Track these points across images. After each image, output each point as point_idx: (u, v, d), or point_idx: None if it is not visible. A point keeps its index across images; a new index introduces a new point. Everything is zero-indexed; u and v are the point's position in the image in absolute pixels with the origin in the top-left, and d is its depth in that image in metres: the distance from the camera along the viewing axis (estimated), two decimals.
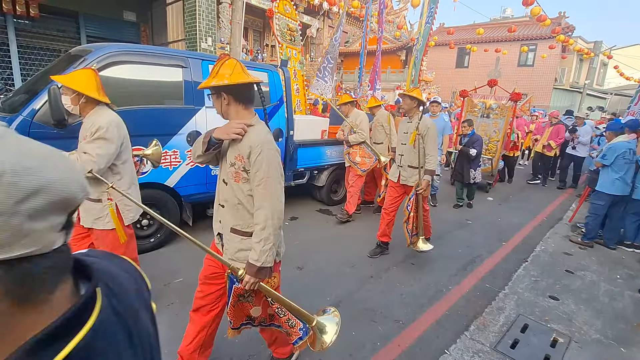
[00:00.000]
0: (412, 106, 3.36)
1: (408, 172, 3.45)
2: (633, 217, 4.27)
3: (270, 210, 1.54)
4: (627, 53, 21.22)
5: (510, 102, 6.57)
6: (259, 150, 1.49)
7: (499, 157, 6.79)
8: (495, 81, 6.94)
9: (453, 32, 17.99)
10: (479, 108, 7.01)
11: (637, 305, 3.10)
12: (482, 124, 6.90)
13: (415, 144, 3.29)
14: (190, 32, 7.91)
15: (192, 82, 3.43)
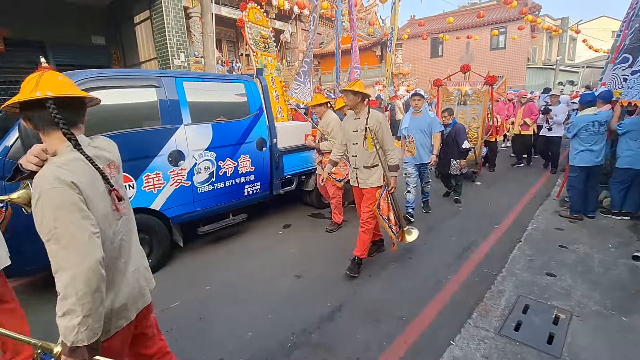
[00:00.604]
0: (357, 102, 3.10)
1: (365, 174, 3.20)
2: (618, 186, 4.37)
3: (70, 273, 1.06)
4: (594, 26, 21.84)
5: (485, 87, 6.42)
6: (37, 195, 1.08)
7: (481, 144, 6.68)
8: (468, 66, 6.80)
9: (424, 24, 18.23)
10: (454, 96, 6.79)
11: (632, 272, 3.16)
12: (460, 112, 6.69)
13: (367, 143, 3.09)
14: (162, 49, 7.82)
15: (167, 101, 3.37)
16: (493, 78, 6.34)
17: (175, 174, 3.43)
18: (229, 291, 3.08)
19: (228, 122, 3.93)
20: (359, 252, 3.28)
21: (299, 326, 2.55)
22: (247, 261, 3.65)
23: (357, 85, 3.08)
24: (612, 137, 4.67)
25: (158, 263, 3.46)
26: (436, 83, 6.93)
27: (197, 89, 3.73)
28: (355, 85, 3.08)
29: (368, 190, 3.22)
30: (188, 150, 3.49)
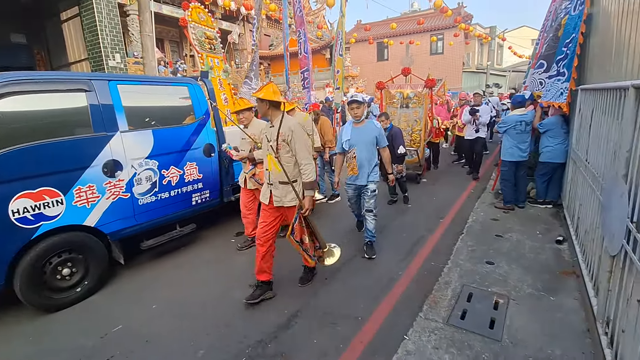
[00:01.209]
0: (265, 109, 2.73)
1: (281, 190, 2.80)
2: (542, 178, 4.88)
3: None
4: (517, 34, 24.31)
5: (426, 89, 6.57)
6: None
7: (424, 146, 6.74)
8: (409, 69, 6.88)
9: (370, 29, 18.89)
10: (397, 99, 6.79)
11: (556, 255, 3.53)
12: (403, 115, 6.73)
13: (280, 154, 2.71)
14: (94, 50, 7.19)
15: (99, 107, 3.10)
16: (432, 81, 6.50)
17: (112, 185, 3.15)
18: (177, 308, 2.89)
19: (171, 128, 3.71)
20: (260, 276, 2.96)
21: (255, 338, 2.48)
22: (197, 274, 3.47)
23: (264, 92, 2.68)
24: (535, 135, 5.22)
25: (96, 285, 3.16)
26: (379, 86, 6.91)
27: (135, 93, 3.48)
28: (262, 92, 2.69)
29: (286, 209, 2.87)
30: (126, 160, 3.23)
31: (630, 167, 1.93)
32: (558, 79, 4.49)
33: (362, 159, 3.51)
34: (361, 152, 3.50)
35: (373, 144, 3.56)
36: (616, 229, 1.97)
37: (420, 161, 6.65)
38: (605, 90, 2.73)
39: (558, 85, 4.48)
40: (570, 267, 3.24)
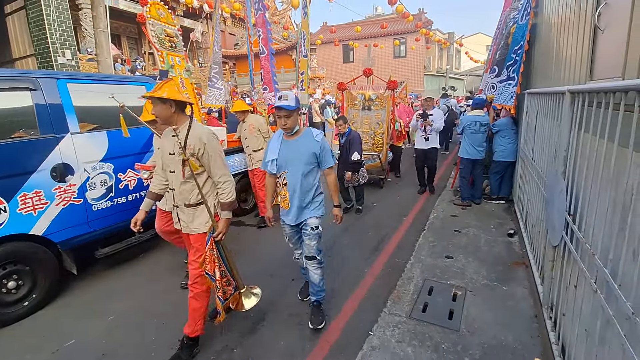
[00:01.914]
0: (169, 113, 2.09)
1: (188, 215, 2.23)
2: (495, 176, 5.22)
3: None
4: (472, 40, 25.70)
5: (388, 91, 6.29)
6: None
7: (387, 150, 6.49)
8: (370, 70, 6.61)
9: (335, 31, 19.10)
10: (359, 101, 6.49)
11: (508, 247, 3.79)
12: (365, 117, 6.43)
13: (186, 171, 2.12)
14: (41, 45, 6.68)
15: (47, 106, 2.89)
16: (394, 83, 6.22)
17: (62, 191, 2.96)
18: (136, 318, 2.77)
19: (128, 129, 3.53)
20: (189, 329, 2.30)
21: (220, 344, 2.43)
22: (157, 282, 3.34)
23: (167, 89, 2.05)
24: (489, 135, 5.56)
25: (45, 297, 2.94)
26: (340, 87, 6.61)
27: (88, 92, 3.28)
28: (162, 89, 2.05)
29: (194, 237, 2.26)
30: (78, 163, 3.04)
31: (567, 165, 2.13)
32: (509, 83, 4.83)
33: (295, 188, 2.44)
34: (294, 177, 2.43)
35: (311, 164, 2.45)
36: (557, 221, 2.15)
37: (383, 165, 6.41)
38: (547, 95, 2.97)
39: (509, 89, 4.82)
40: (520, 258, 3.49)
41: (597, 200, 1.60)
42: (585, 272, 1.64)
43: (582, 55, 2.35)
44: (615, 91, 1.43)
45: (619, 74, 1.68)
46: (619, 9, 1.80)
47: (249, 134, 4.53)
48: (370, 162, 6.24)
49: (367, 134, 6.32)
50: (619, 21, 1.77)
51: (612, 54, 1.87)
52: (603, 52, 2.07)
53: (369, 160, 6.16)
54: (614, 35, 1.87)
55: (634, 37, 1.55)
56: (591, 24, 2.17)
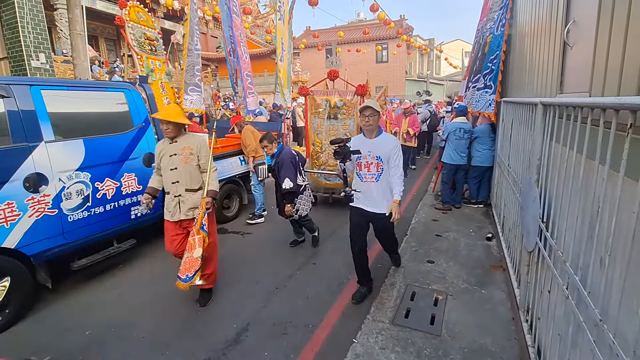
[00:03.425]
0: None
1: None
2: (474, 180, 5.37)
3: None
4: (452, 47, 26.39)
5: (356, 97, 5.28)
6: None
7: None
8: (336, 72, 5.64)
9: (318, 36, 19.25)
10: (323, 108, 5.51)
11: (487, 250, 3.90)
12: (331, 128, 5.48)
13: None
14: (14, 48, 6.43)
15: (19, 114, 2.78)
16: (364, 87, 5.22)
17: (36, 202, 2.84)
18: (115, 332, 2.69)
19: (106, 137, 3.45)
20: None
21: (202, 356, 2.39)
22: (137, 293, 3.25)
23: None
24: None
25: (18, 312, 2.81)
26: (301, 91, 5.64)
27: (63, 99, 3.18)
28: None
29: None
30: (52, 173, 2.94)
31: (540, 174, 2.22)
32: (486, 91, 4.99)
33: None
34: None
35: None
36: (531, 227, 2.24)
37: None
38: (521, 104, 3.10)
39: (486, 97, 4.98)
40: (498, 262, 3.59)
41: (568, 208, 1.67)
42: (558, 278, 1.72)
43: (553, 69, 2.47)
44: (583, 106, 1.51)
45: (586, 89, 1.77)
46: (586, 28, 1.91)
47: (180, 162, 2.85)
48: (333, 180, 5.58)
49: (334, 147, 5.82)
50: (586, 39, 1.87)
51: (579, 69, 1.97)
52: (572, 67, 2.18)
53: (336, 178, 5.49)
54: (581, 51, 1.98)
55: (599, 55, 1.64)
56: (561, 39, 2.28)
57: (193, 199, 2.91)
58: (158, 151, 2.94)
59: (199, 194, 2.93)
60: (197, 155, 2.92)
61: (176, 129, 2.86)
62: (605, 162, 1.24)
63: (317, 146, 5.61)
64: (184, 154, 2.86)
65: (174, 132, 2.85)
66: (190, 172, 2.91)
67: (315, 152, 5.65)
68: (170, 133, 2.84)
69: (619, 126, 1.20)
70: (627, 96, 1.27)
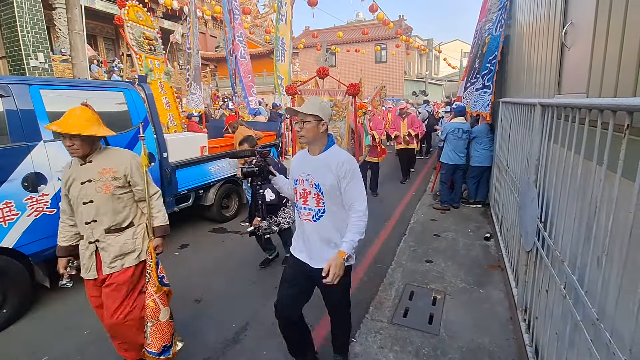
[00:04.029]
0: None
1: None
2: (472, 180, 5.39)
3: None
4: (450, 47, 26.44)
5: (347, 97, 4.79)
6: None
7: None
8: (325, 69, 5.05)
9: (317, 36, 19.24)
10: None
11: (485, 250, 3.91)
12: None
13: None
14: (13, 48, 6.41)
15: (18, 113, 2.78)
16: (355, 87, 4.70)
17: (35, 201, 2.84)
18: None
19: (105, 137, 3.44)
20: None
21: (201, 356, 2.40)
22: None
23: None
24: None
25: (16, 312, 2.81)
26: (288, 91, 5.18)
27: (62, 98, 3.17)
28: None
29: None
30: (51, 172, 2.93)
31: (539, 174, 2.23)
32: (484, 92, 5.01)
33: None
34: None
35: None
36: (529, 227, 2.25)
37: None
38: (520, 105, 3.11)
39: (485, 98, 4.99)
40: (496, 262, 3.61)
41: (566, 209, 1.69)
42: (556, 278, 1.73)
43: (551, 70, 2.48)
44: (580, 107, 1.52)
45: (584, 90, 1.79)
46: (583, 29, 1.92)
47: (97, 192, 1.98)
48: None
49: None
50: (583, 40, 1.88)
51: (577, 70, 1.98)
52: (569, 68, 2.20)
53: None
54: (578, 53, 1.99)
55: (596, 56, 1.66)
56: (559, 41, 2.29)
57: (120, 242, 2.02)
58: (65, 179, 1.99)
59: (129, 235, 2.06)
60: (127, 179, 2.03)
61: (86, 144, 1.92)
62: (603, 163, 1.25)
63: None
64: (104, 180, 1.95)
65: (84, 149, 1.91)
66: (114, 205, 2.00)
67: None
68: (77, 151, 1.90)
69: (616, 127, 1.21)
70: (624, 97, 1.29)
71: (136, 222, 2.13)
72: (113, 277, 2.02)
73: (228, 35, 6.68)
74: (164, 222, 2.20)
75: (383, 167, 7.52)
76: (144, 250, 2.11)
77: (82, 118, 1.92)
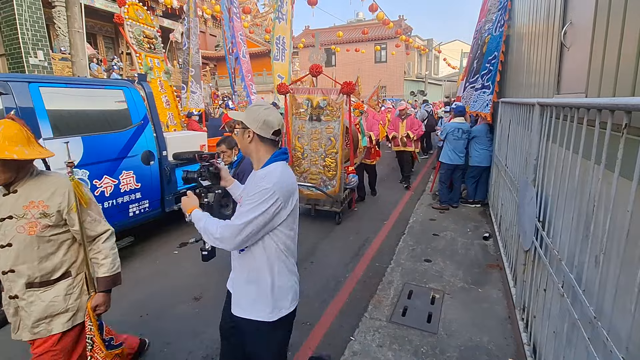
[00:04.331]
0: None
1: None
2: (471, 180, 5.40)
3: None
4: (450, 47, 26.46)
5: (341, 96, 4.52)
6: None
7: (347, 173, 4.84)
8: (319, 67, 4.86)
9: None
10: (305, 108, 4.78)
11: (483, 250, 3.92)
12: (313, 131, 4.75)
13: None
14: (12, 45, 6.40)
15: (17, 111, 2.78)
16: (350, 85, 4.42)
17: None
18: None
19: (104, 135, 3.45)
20: None
21: (199, 353, 2.40)
22: (134, 291, 3.24)
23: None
24: None
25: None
26: (280, 89, 4.84)
27: (61, 96, 3.18)
28: None
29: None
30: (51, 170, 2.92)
31: (537, 173, 2.24)
32: (484, 92, 5.02)
33: None
34: None
35: None
36: (528, 227, 2.26)
37: (338, 195, 4.75)
38: (519, 105, 3.12)
39: (484, 97, 5.00)
40: (494, 261, 3.62)
41: (564, 208, 1.69)
42: (554, 277, 1.74)
43: (550, 70, 2.49)
44: (579, 107, 1.53)
45: (582, 90, 1.79)
46: (582, 29, 1.93)
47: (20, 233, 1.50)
48: (314, 190, 4.78)
49: (317, 153, 4.79)
50: (582, 40, 1.89)
51: (576, 70, 1.99)
52: (568, 68, 2.21)
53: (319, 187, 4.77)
54: (578, 53, 2.00)
55: (595, 56, 1.66)
56: (558, 40, 2.30)
57: (45, 301, 1.56)
58: None
59: (61, 289, 1.59)
60: (63, 215, 1.56)
61: (7, 169, 1.44)
62: (601, 162, 1.26)
63: (299, 151, 4.90)
64: (29, 217, 1.49)
65: (5, 176, 1.45)
66: (40, 250, 1.53)
67: (296, 157, 4.91)
68: None
69: (614, 126, 1.22)
70: (622, 97, 1.29)
71: (74, 272, 1.64)
72: (36, 346, 1.59)
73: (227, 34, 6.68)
74: (113, 271, 1.68)
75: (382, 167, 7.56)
76: (81, 310, 1.65)
77: (3, 136, 1.38)
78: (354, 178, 5.01)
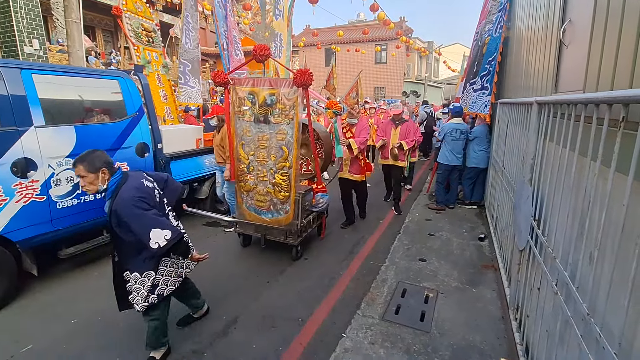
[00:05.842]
0: None
1: None
2: (468, 181, 5.39)
3: None
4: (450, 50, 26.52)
5: (295, 90, 3.24)
6: None
7: (295, 195, 3.43)
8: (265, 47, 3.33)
9: (317, 34, 19.21)
10: (249, 106, 3.44)
11: (479, 250, 3.91)
12: (260, 137, 3.44)
13: None
14: (6, 34, 6.33)
15: (8, 97, 2.73)
16: (305, 74, 3.14)
17: (24, 187, 2.79)
18: (102, 323, 2.64)
19: (98, 125, 3.40)
20: None
21: (189, 348, 2.37)
22: None
23: None
24: None
25: (2, 300, 2.76)
26: (215, 78, 3.41)
27: (55, 84, 3.13)
28: None
29: None
30: (42, 158, 2.89)
31: (534, 172, 2.22)
32: (482, 93, 5.01)
33: None
34: None
35: None
36: (523, 226, 2.24)
37: (292, 224, 3.53)
38: (517, 105, 3.11)
39: (483, 98, 5.00)
40: (489, 261, 3.61)
41: (560, 206, 1.68)
42: (547, 275, 1.72)
43: (549, 69, 2.48)
44: (577, 103, 1.51)
45: (581, 88, 1.78)
46: (581, 27, 1.91)
47: None
48: (269, 216, 3.57)
49: (265, 166, 3.48)
50: (581, 38, 1.87)
51: (575, 68, 1.97)
52: (567, 66, 2.19)
53: (268, 212, 3.56)
54: (576, 50, 1.99)
55: (594, 53, 1.65)
56: (557, 39, 2.29)
57: None
58: None
59: None
60: None
61: None
62: (597, 158, 1.24)
63: (243, 163, 3.56)
64: None
65: None
66: None
67: (240, 171, 3.60)
68: None
69: (611, 122, 1.20)
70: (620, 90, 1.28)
71: None
72: None
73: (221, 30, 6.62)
74: None
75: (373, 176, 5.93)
76: None
77: None
78: (323, 198, 3.90)
